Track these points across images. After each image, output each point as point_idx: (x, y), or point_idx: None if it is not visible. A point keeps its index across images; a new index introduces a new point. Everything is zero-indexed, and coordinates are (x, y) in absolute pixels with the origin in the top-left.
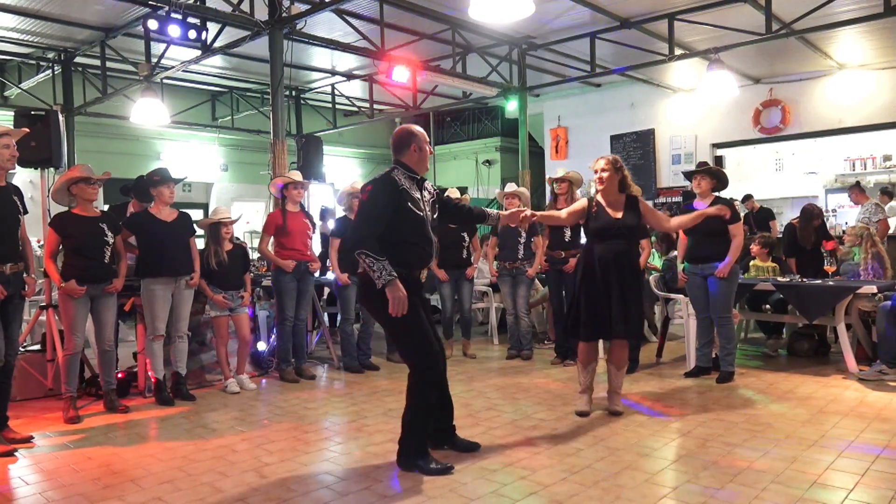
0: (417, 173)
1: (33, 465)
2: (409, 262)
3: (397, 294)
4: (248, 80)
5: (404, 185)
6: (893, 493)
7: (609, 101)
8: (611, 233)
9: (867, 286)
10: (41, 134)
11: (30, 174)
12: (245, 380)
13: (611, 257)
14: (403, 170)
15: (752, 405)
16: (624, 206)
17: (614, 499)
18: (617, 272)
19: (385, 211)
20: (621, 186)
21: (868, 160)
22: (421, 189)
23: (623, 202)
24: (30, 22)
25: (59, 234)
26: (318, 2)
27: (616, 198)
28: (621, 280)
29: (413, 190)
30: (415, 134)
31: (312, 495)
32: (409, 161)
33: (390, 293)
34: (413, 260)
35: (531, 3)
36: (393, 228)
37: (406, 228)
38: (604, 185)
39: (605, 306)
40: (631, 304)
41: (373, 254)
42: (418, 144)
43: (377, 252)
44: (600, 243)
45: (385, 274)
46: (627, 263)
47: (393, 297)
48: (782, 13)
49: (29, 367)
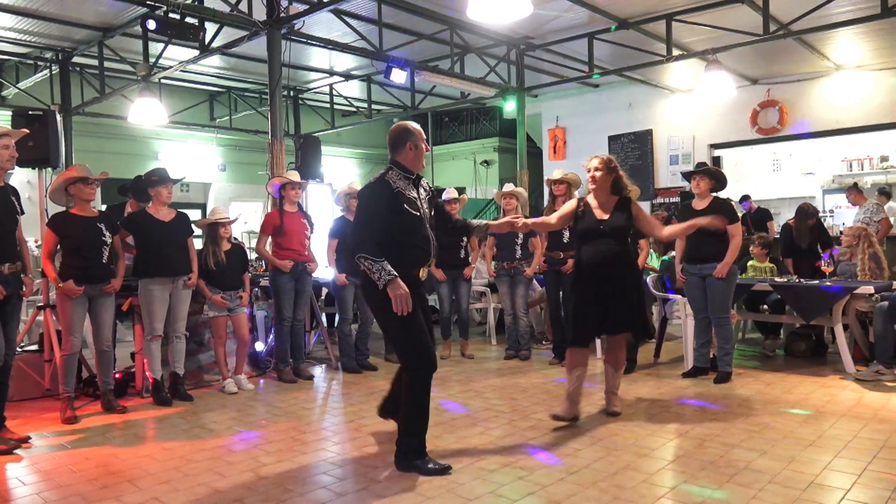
0: (413, 172)
1: (31, 465)
2: (408, 262)
3: (398, 292)
4: (247, 80)
5: (399, 187)
6: (890, 492)
7: (607, 102)
8: (595, 234)
9: (864, 287)
10: (39, 134)
11: (27, 174)
12: (243, 380)
13: (597, 259)
14: (398, 170)
15: (750, 405)
16: (614, 207)
17: (612, 499)
18: (605, 273)
19: (380, 214)
20: (615, 188)
21: (865, 161)
22: (417, 187)
23: (614, 203)
24: (27, 21)
25: (56, 234)
26: (317, 2)
27: (607, 198)
28: (612, 280)
29: (409, 190)
30: (410, 132)
31: (310, 496)
32: (405, 160)
33: (391, 292)
34: (412, 260)
35: (529, 3)
36: (390, 230)
37: (403, 229)
38: (596, 185)
39: (593, 309)
40: (626, 300)
41: (371, 256)
42: (414, 143)
43: (375, 255)
44: (586, 245)
45: (384, 274)
46: (617, 264)
47: (395, 295)
48: (780, 14)
49: (26, 367)
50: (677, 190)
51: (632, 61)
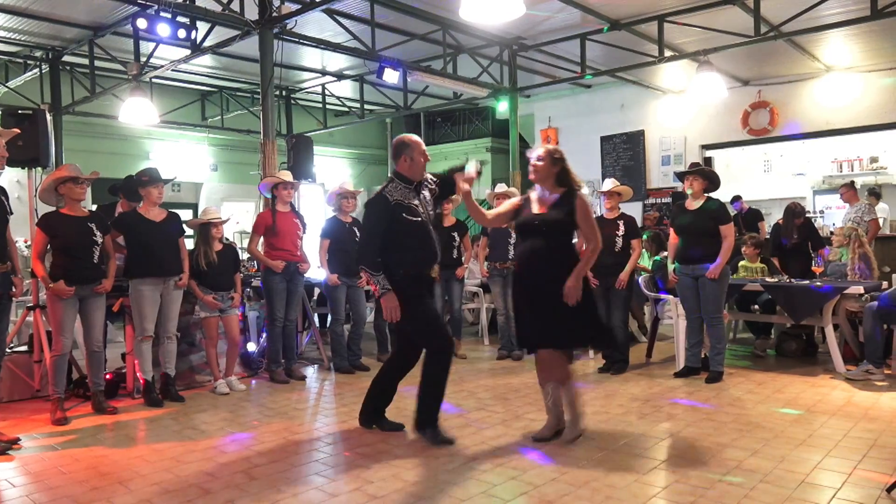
0: (412, 181)
1: (20, 467)
2: (416, 263)
3: (390, 304)
4: (238, 80)
5: (396, 198)
6: (880, 491)
7: (599, 103)
8: (528, 230)
9: (854, 287)
10: (28, 133)
11: (17, 174)
12: (234, 382)
13: (526, 257)
14: (399, 180)
15: (741, 405)
16: (554, 201)
17: (604, 499)
18: (531, 275)
19: (378, 228)
20: (560, 180)
21: (855, 162)
22: (419, 194)
23: (556, 198)
24: (17, 20)
25: (46, 234)
26: (309, 2)
27: (552, 192)
28: (537, 284)
29: (409, 198)
30: (407, 144)
31: (302, 496)
32: (402, 170)
33: (384, 302)
34: (419, 261)
35: (522, 4)
36: (395, 237)
37: (406, 235)
38: (535, 176)
39: (523, 313)
40: (547, 308)
41: (370, 270)
42: (409, 155)
43: (374, 268)
44: (523, 241)
45: (380, 287)
46: (545, 266)
47: (386, 306)
48: (771, 16)
49: (16, 368)
50: (669, 190)
51: (624, 62)
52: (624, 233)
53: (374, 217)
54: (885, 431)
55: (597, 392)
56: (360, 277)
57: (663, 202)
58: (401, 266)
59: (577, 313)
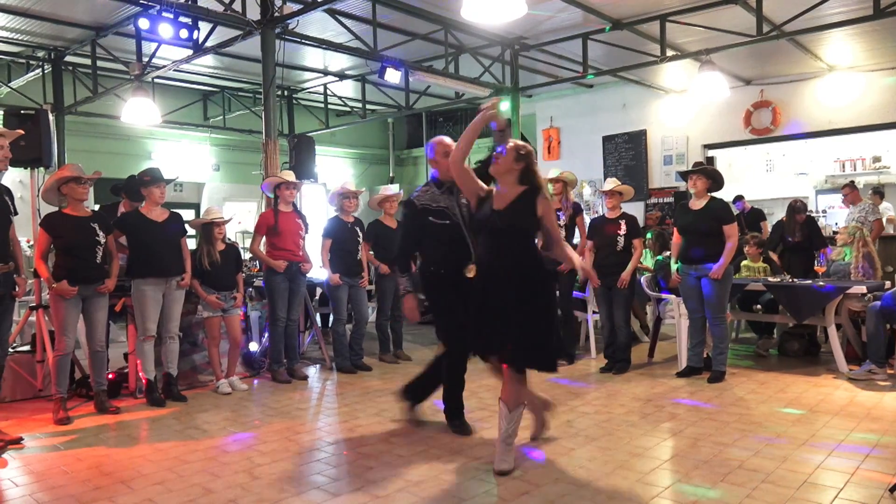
0: (443, 183)
1: (23, 466)
2: (447, 263)
3: (408, 305)
4: (240, 80)
5: (423, 202)
6: (883, 491)
7: (601, 102)
8: (485, 227)
9: (857, 286)
10: (31, 133)
11: (20, 174)
12: (236, 381)
13: (485, 259)
14: (431, 183)
15: (744, 405)
16: (514, 198)
17: (607, 499)
18: (487, 277)
19: (408, 231)
20: (523, 178)
21: (858, 161)
22: (452, 193)
23: (516, 195)
24: (19, 20)
25: (49, 234)
26: (311, 1)
27: (511, 188)
28: (492, 288)
29: (438, 201)
30: (431, 146)
31: (304, 496)
32: (435, 172)
33: (404, 302)
34: (450, 260)
35: (524, 3)
36: (426, 238)
37: (435, 237)
38: (493, 169)
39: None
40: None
41: (399, 271)
42: (434, 158)
43: (402, 269)
44: (482, 240)
45: (402, 289)
46: (500, 267)
47: (406, 306)
48: (773, 15)
49: (19, 368)
50: (671, 190)
51: (626, 62)
52: (625, 232)
53: (403, 221)
54: (888, 431)
55: (599, 392)
56: (361, 277)
57: (665, 202)
58: (429, 266)
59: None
